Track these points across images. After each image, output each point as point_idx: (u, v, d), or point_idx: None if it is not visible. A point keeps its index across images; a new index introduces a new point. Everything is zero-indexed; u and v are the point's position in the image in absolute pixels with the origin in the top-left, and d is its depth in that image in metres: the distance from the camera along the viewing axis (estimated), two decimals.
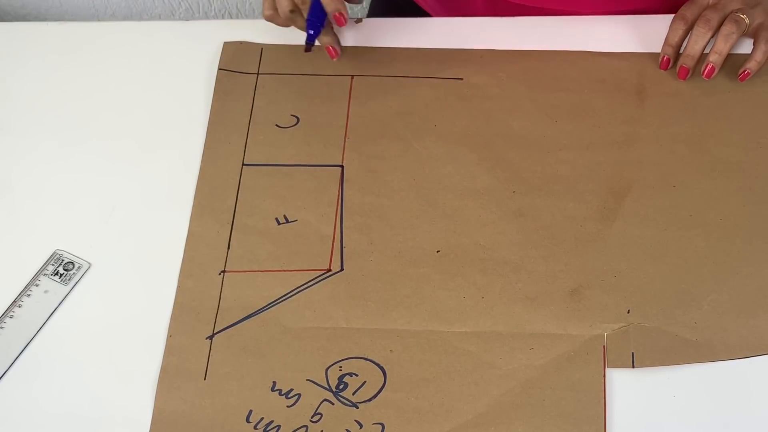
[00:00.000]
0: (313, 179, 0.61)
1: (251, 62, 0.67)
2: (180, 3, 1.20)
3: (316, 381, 0.53)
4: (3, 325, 0.56)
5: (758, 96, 0.63)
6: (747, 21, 0.62)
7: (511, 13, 0.69)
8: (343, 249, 0.58)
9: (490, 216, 0.59)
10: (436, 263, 0.57)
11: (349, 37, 0.68)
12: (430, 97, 0.64)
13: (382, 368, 0.54)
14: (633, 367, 0.53)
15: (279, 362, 0.54)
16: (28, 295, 0.57)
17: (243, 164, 0.62)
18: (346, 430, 0.52)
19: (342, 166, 0.61)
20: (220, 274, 0.57)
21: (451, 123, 0.63)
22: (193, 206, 0.60)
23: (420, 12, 0.78)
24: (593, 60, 0.65)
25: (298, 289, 0.57)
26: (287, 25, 0.64)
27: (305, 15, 0.62)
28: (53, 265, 0.58)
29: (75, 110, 0.66)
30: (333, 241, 0.58)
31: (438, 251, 0.58)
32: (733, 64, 0.64)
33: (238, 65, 0.67)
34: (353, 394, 0.53)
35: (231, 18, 1.11)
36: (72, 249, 0.59)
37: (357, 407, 0.52)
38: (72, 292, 0.57)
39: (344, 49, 0.67)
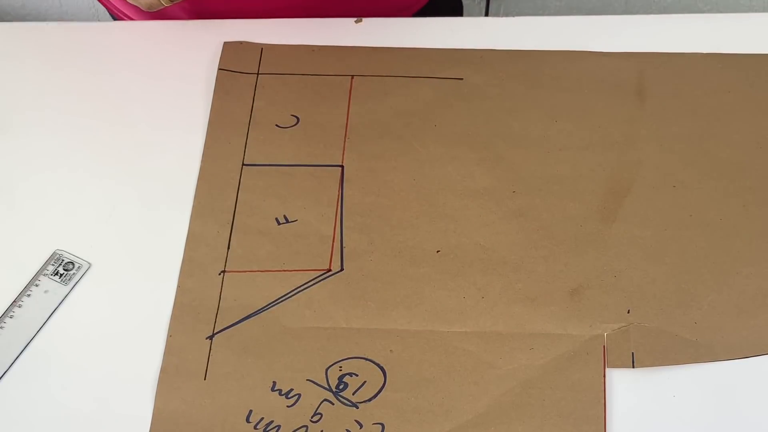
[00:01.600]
0: (313, 179, 0.61)
1: (251, 62, 0.67)
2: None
3: (316, 381, 0.53)
4: (3, 325, 0.56)
5: (758, 96, 0.63)
6: None
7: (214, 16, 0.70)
8: (343, 249, 0.58)
9: (490, 216, 0.59)
10: (436, 263, 0.57)
11: (349, 37, 0.68)
12: (430, 97, 0.64)
13: (382, 368, 0.54)
14: (633, 367, 0.53)
15: (279, 362, 0.54)
16: (28, 295, 0.57)
17: (243, 164, 0.62)
18: (346, 430, 0.52)
19: (342, 166, 0.62)
20: (220, 274, 0.57)
21: (451, 123, 0.63)
22: (193, 206, 0.60)
23: None
24: (593, 60, 0.65)
25: (298, 289, 0.57)
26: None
27: None
28: (53, 265, 0.58)
29: (75, 110, 0.66)
30: (333, 241, 0.58)
31: (438, 251, 0.58)
32: (734, 64, 0.64)
33: (238, 65, 0.67)
34: (353, 394, 0.53)
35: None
36: (72, 249, 0.59)
37: (357, 407, 0.53)
38: (72, 292, 0.57)
39: (344, 49, 0.67)
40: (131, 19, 0.78)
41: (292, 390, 0.53)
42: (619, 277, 0.56)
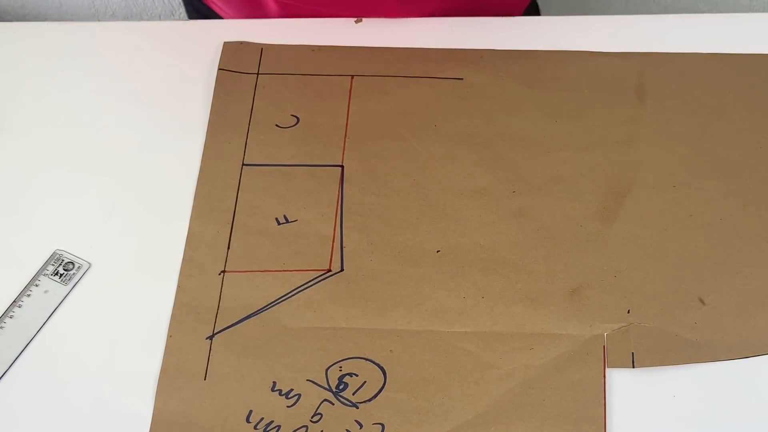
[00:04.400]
0: (313, 179, 0.61)
1: (251, 62, 0.67)
2: (180, 3, 1.20)
3: (316, 381, 0.53)
4: (3, 325, 0.56)
5: (758, 96, 0.63)
6: None
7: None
8: (343, 249, 0.58)
9: (490, 216, 0.59)
10: (436, 263, 0.57)
11: (349, 37, 0.68)
12: (430, 97, 0.64)
13: (382, 368, 0.54)
14: (633, 367, 0.53)
15: (279, 362, 0.54)
16: (28, 295, 0.57)
17: (243, 164, 0.62)
18: (346, 430, 0.52)
19: (342, 166, 0.62)
20: (220, 274, 0.57)
21: (451, 123, 0.63)
22: (193, 206, 0.60)
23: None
24: (593, 60, 0.65)
25: (298, 289, 0.57)
26: None
27: None
28: (53, 265, 0.58)
29: (75, 110, 0.66)
30: (333, 241, 0.58)
31: (438, 251, 0.58)
32: (734, 64, 0.64)
33: (238, 65, 0.67)
34: (353, 394, 0.53)
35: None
36: (72, 249, 0.59)
37: (357, 407, 0.53)
38: (72, 292, 0.57)
39: (344, 49, 0.67)
40: (229, 15, 0.77)
41: (292, 390, 0.53)
42: (619, 277, 0.56)
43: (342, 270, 0.57)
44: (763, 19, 0.67)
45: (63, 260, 0.58)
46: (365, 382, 0.53)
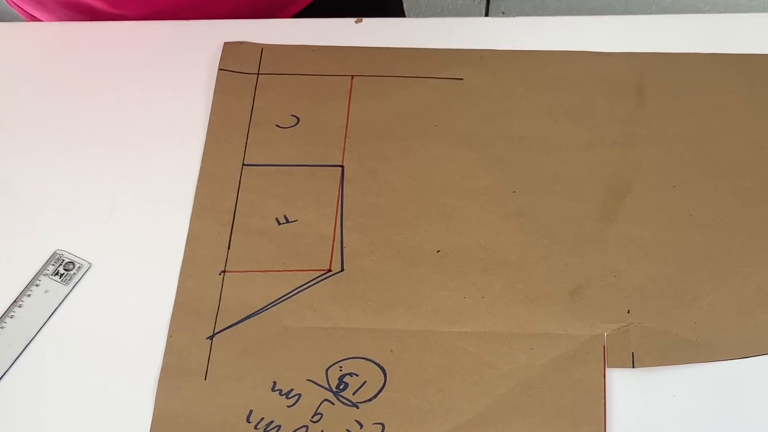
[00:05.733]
0: (313, 179, 0.61)
1: (251, 62, 0.67)
2: None
3: (316, 381, 0.53)
4: (3, 325, 0.56)
5: (758, 96, 0.63)
6: None
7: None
8: (343, 249, 0.58)
9: (490, 216, 0.59)
10: (436, 263, 0.57)
11: (349, 37, 0.68)
12: (430, 97, 0.64)
13: (382, 368, 0.54)
14: (633, 367, 0.53)
15: (279, 362, 0.54)
16: (29, 295, 0.57)
17: (243, 164, 0.62)
18: (347, 430, 0.52)
19: (342, 166, 0.62)
20: (220, 274, 0.57)
21: (451, 123, 0.63)
22: (193, 206, 0.60)
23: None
24: (593, 60, 0.65)
25: (299, 289, 0.57)
26: None
27: None
28: (53, 265, 0.58)
29: (75, 110, 0.66)
30: (333, 241, 0.58)
31: (438, 251, 0.58)
32: (734, 64, 0.64)
33: (238, 65, 0.67)
34: (353, 394, 0.53)
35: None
36: (72, 249, 0.59)
37: (357, 407, 0.53)
38: (72, 292, 0.57)
39: (344, 49, 0.67)
40: (39, 20, 0.78)
41: (292, 390, 0.53)
42: (619, 277, 0.56)
43: (342, 270, 0.57)
44: (763, 19, 0.67)
45: (63, 260, 0.58)
46: (365, 382, 0.53)
